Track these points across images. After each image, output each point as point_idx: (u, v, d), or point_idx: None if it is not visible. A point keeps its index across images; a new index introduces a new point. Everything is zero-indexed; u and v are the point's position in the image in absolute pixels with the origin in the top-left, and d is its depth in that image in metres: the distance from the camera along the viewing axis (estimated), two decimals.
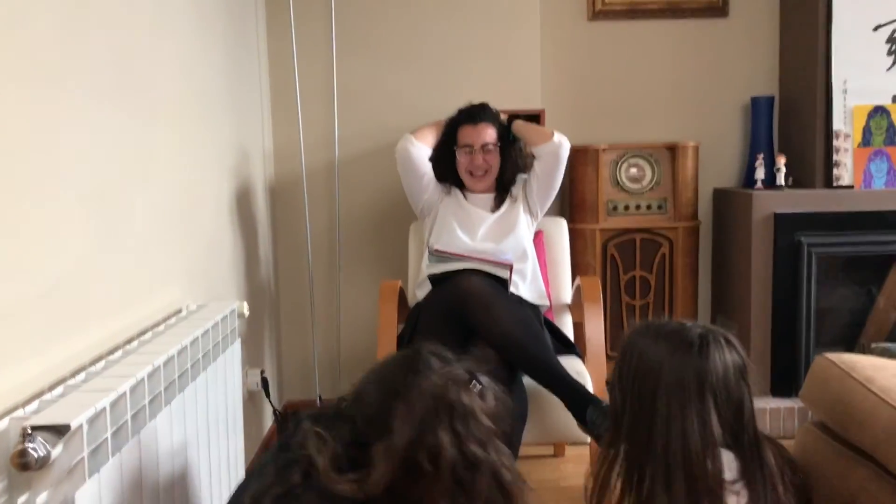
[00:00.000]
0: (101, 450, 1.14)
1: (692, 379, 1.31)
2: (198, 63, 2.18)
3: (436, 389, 1.24)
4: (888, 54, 3.05)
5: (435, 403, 1.23)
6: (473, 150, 2.56)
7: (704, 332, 1.35)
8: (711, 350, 1.32)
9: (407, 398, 1.24)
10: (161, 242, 1.80)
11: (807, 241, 3.01)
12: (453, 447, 1.20)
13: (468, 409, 1.24)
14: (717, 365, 1.32)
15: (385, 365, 1.35)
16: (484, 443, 1.23)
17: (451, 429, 1.21)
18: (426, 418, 1.22)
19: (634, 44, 3.36)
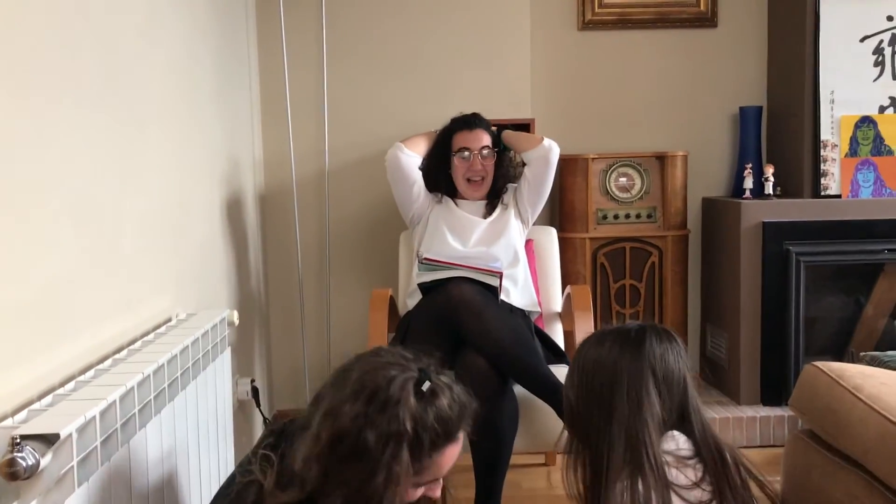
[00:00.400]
0: (91, 459, 1.13)
1: (634, 367, 1.39)
2: (188, 72, 2.17)
3: (370, 373, 1.20)
4: (875, 65, 3.08)
5: (362, 385, 1.19)
6: (471, 153, 2.57)
7: (641, 326, 1.45)
8: (649, 340, 1.41)
9: (344, 381, 1.21)
10: (151, 251, 1.80)
11: (795, 250, 3.02)
12: (351, 424, 1.15)
13: (392, 399, 1.17)
14: (657, 352, 1.40)
15: (346, 361, 1.32)
16: (385, 438, 1.15)
17: (361, 410, 1.16)
18: (348, 395, 1.18)
19: (624, 53, 3.38)
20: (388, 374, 1.20)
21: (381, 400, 1.17)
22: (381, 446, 1.15)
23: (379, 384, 1.19)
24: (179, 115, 2.08)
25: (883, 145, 3.09)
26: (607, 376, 1.40)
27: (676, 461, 1.36)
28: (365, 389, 1.18)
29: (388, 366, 1.22)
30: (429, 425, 1.19)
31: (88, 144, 1.47)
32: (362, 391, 1.18)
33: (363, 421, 1.16)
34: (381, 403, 1.17)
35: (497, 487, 2.18)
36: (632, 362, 1.40)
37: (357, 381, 1.20)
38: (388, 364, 1.23)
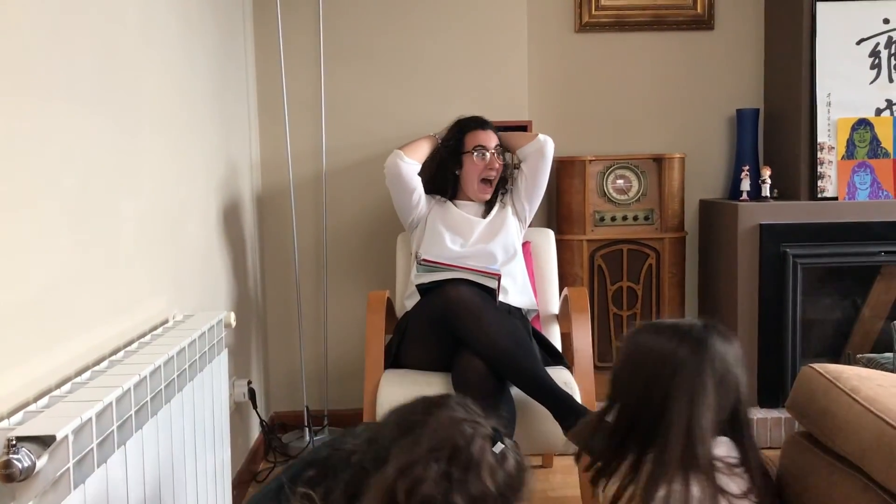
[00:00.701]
0: (87, 461, 1.13)
1: (695, 361, 1.34)
2: (185, 73, 2.17)
3: (448, 429, 1.15)
4: (871, 68, 3.08)
5: (440, 441, 1.13)
6: (487, 151, 2.57)
7: (705, 323, 1.41)
8: (712, 337, 1.37)
9: (416, 433, 1.16)
10: (147, 253, 1.79)
11: (792, 253, 3.03)
12: (436, 488, 1.10)
13: (474, 459, 1.12)
14: (719, 351, 1.36)
15: (406, 405, 1.27)
16: (472, 501, 1.11)
17: (444, 470, 1.11)
18: (424, 452, 1.13)
19: (621, 56, 3.38)
20: (465, 431, 1.15)
21: (464, 461, 1.12)
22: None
23: (458, 444, 1.14)
24: (176, 117, 2.07)
25: (879, 148, 3.10)
26: (666, 367, 1.35)
27: (726, 468, 1.32)
28: (444, 448, 1.13)
29: (462, 422, 1.17)
30: (502, 488, 1.15)
31: (85, 146, 1.47)
32: (441, 449, 1.13)
33: (448, 483, 1.11)
34: (463, 465, 1.12)
35: None
36: (692, 356, 1.34)
37: (432, 437, 1.15)
38: (462, 420, 1.17)
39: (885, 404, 1.31)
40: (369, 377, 2.32)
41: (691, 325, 1.41)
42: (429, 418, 1.18)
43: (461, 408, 1.21)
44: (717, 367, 1.35)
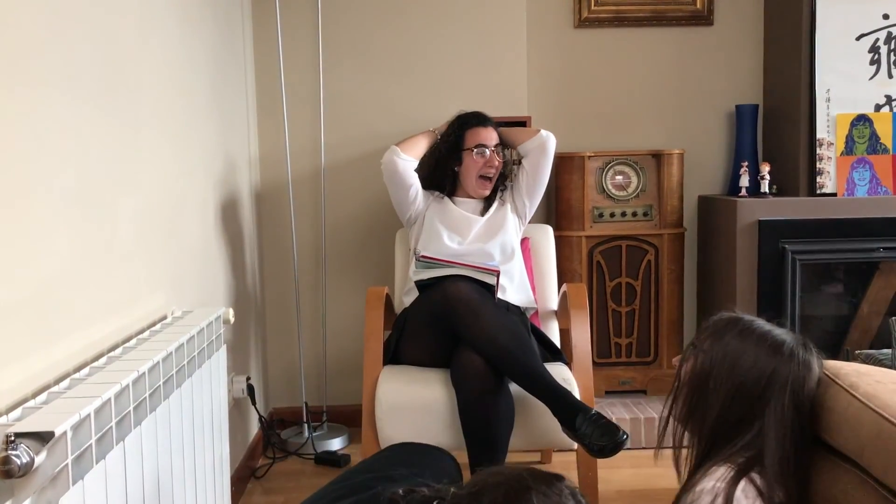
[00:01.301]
0: (86, 457, 1.13)
1: (784, 383, 1.37)
2: (184, 68, 2.17)
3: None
4: (871, 63, 3.08)
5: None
6: (487, 149, 2.57)
7: (803, 342, 1.44)
8: (808, 359, 1.42)
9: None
10: (146, 248, 1.79)
11: (791, 249, 3.03)
12: None
13: None
14: (806, 373, 1.40)
15: (512, 475, 1.09)
16: None
17: None
18: None
19: (620, 51, 3.38)
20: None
21: None
22: None
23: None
24: (175, 112, 2.07)
25: (878, 144, 3.09)
26: (761, 383, 1.37)
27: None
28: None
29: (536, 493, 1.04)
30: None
31: (83, 142, 1.46)
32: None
33: None
34: None
35: None
36: (793, 373, 1.38)
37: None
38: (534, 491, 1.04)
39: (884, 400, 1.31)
40: (368, 373, 2.32)
41: (786, 339, 1.43)
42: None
43: (526, 480, 1.07)
44: (802, 395, 1.38)
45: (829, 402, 1.41)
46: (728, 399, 1.39)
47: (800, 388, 1.38)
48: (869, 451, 1.27)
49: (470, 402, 2.14)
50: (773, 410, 1.36)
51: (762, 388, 1.37)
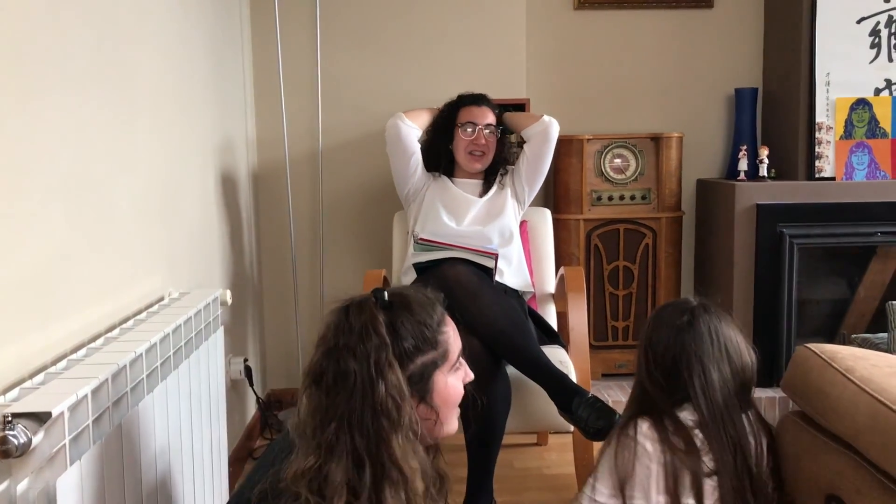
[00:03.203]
0: (83, 437, 1.13)
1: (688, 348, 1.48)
2: (181, 50, 2.15)
3: (327, 319, 1.26)
4: (871, 47, 3.07)
5: (325, 330, 1.25)
6: (476, 128, 2.56)
7: (695, 305, 1.53)
8: (706, 322, 1.50)
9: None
10: (143, 230, 1.79)
11: (789, 233, 3.03)
12: (325, 358, 1.20)
13: (355, 324, 1.21)
14: (706, 336, 1.49)
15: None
16: (366, 354, 1.17)
17: (332, 343, 1.22)
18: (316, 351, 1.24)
19: (620, 34, 3.36)
20: (344, 306, 1.24)
21: (347, 329, 1.20)
22: (366, 363, 1.16)
23: (339, 318, 1.22)
24: (172, 94, 2.06)
25: (878, 128, 3.09)
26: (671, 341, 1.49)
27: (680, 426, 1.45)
28: (329, 330, 1.22)
29: (342, 302, 1.26)
30: (409, 324, 1.23)
31: (79, 124, 1.46)
32: (327, 333, 1.23)
33: (338, 352, 1.18)
34: (348, 332, 1.20)
35: (490, 467, 2.19)
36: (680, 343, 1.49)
37: (322, 332, 1.25)
38: (340, 303, 1.26)
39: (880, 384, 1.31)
40: None
41: (687, 308, 1.53)
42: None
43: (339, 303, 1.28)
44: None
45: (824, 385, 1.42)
46: (651, 373, 1.51)
47: (700, 350, 1.46)
48: (864, 434, 1.28)
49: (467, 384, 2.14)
50: (689, 373, 1.45)
51: (673, 357, 1.47)
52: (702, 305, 1.52)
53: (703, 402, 1.43)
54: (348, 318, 1.22)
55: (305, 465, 1.13)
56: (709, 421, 1.42)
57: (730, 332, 1.50)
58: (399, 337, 1.21)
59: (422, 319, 1.26)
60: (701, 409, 1.43)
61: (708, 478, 1.41)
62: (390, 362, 1.17)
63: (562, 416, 2.11)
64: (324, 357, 1.20)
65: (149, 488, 1.40)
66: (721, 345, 1.47)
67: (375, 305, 1.23)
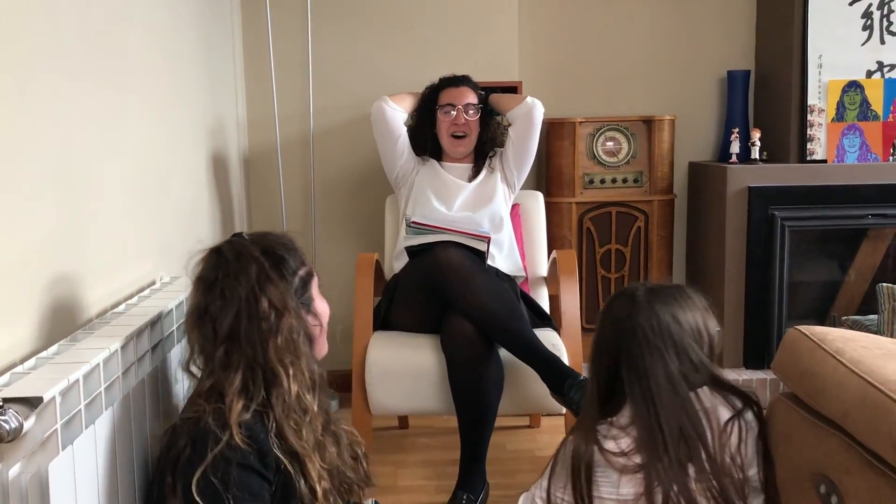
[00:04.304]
0: (75, 422, 1.13)
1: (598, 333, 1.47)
2: (170, 33, 2.14)
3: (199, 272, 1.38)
4: (863, 29, 3.06)
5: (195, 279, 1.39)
6: (455, 109, 2.56)
7: (621, 295, 1.48)
8: (612, 312, 1.46)
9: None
10: (133, 214, 1.78)
11: (780, 215, 3.04)
12: (205, 295, 1.33)
13: (233, 262, 1.34)
14: (610, 325, 1.46)
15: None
16: (237, 276, 1.32)
17: (208, 280, 1.34)
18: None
19: (612, 16, 3.34)
20: (215, 247, 1.39)
21: (224, 262, 1.34)
22: (247, 283, 1.31)
23: (213, 258, 1.37)
24: (161, 77, 2.04)
25: (869, 110, 3.09)
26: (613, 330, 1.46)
27: (618, 430, 1.41)
28: (205, 270, 1.36)
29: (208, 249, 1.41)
30: (280, 248, 1.39)
31: (68, 107, 1.45)
32: (204, 273, 1.36)
33: (221, 283, 1.32)
34: (224, 264, 1.34)
35: (482, 449, 2.20)
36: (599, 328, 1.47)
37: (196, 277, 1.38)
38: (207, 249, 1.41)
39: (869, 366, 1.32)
40: (358, 339, 2.32)
41: (633, 293, 1.47)
42: None
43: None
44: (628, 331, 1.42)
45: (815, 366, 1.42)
46: (601, 363, 1.47)
47: (634, 344, 1.41)
48: (853, 415, 1.29)
49: (460, 367, 2.15)
50: (627, 359, 1.41)
51: (617, 343, 1.43)
52: (648, 291, 1.45)
53: (639, 398, 1.40)
54: (222, 254, 1.35)
55: (203, 388, 1.30)
56: (647, 417, 1.38)
57: (679, 314, 1.43)
58: (277, 257, 1.37)
59: (287, 243, 1.42)
60: (638, 405, 1.40)
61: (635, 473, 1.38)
62: (271, 278, 1.33)
63: (554, 399, 2.12)
64: (205, 294, 1.33)
65: (141, 473, 1.41)
66: (663, 332, 1.40)
67: (244, 239, 1.39)
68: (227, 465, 1.21)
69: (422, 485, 2.43)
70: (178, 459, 1.24)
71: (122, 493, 1.30)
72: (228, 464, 1.21)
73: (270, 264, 1.35)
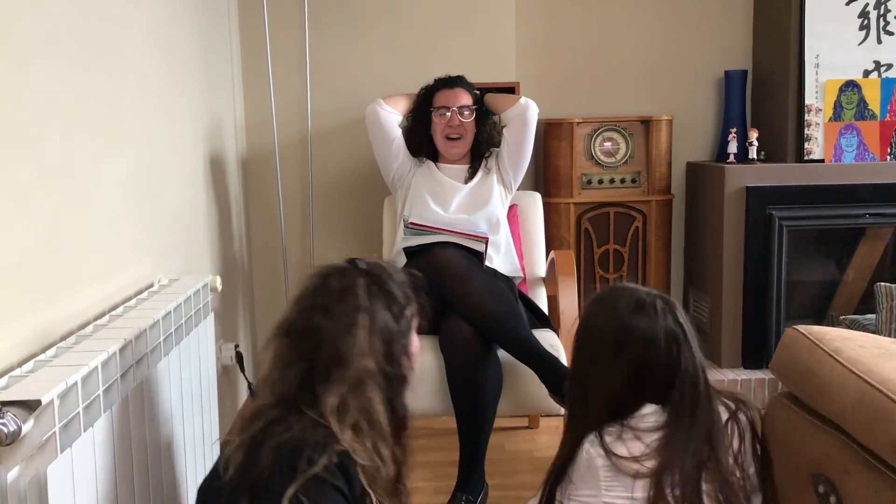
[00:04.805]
0: (73, 425, 1.13)
1: (615, 337, 1.41)
2: (168, 34, 2.14)
3: (307, 282, 1.37)
4: (860, 29, 3.07)
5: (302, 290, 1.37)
6: (450, 111, 2.56)
7: (643, 298, 1.43)
8: (644, 315, 1.41)
9: None
10: (131, 216, 1.78)
11: (778, 215, 3.04)
12: (303, 313, 1.32)
13: (341, 285, 1.32)
14: (645, 330, 1.40)
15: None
16: (342, 294, 1.31)
17: (308, 302, 1.32)
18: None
19: (609, 16, 3.35)
20: (324, 272, 1.36)
21: (325, 290, 1.33)
22: (338, 321, 1.29)
23: (318, 282, 1.35)
24: (158, 78, 2.04)
25: (866, 110, 3.09)
26: (592, 342, 1.45)
27: (632, 434, 1.39)
28: (307, 291, 1.35)
29: (322, 268, 1.39)
30: (394, 285, 1.35)
31: (65, 109, 1.44)
32: (304, 294, 1.35)
33: (313, 310, 1.31)
34: (325, 293, 1.32)
35: (481, 450, 2.20)
36: (616, 335, 1.41)
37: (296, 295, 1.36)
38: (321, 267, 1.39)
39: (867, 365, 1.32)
40: None
41: (627, 302, 1.44)
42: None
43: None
44: (636, 346, 1.39)
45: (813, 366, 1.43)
46: (583, 356, 1.47)
47: (650, 343, 1.39)
48: (851, 414, 1.29)
49: (458, 368, 2.15)
50: (606, 363, 1.41)
51: (613, 346, 1.41)
52: (658, 297, 1.45)
53: (686, 404, 1.39)
54: (327, 280, 1.33)
55: (275, 402, 1.34)
56: (686, 423, 1.38)
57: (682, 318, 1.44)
58: (389, 297, 1.33)
59: (402, 280, 1.38)
60: (678, 410, 1.39)
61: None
62: (360, 322, 1.29)
63: (553, 399, 2.12)
64: (298, 314, 1.32)
65: (140, 475, 1.41)
66: (692, 336, 1.41)
67: (355, 270, 1.34)
68: (320, 485, 1.17)
69: (421, 486, 2.43)
70: (265, 476, 1.18)
71: (120, 496, 1.30)
72: (322, 484, 1.17)
73: (379, 305, 1.31)
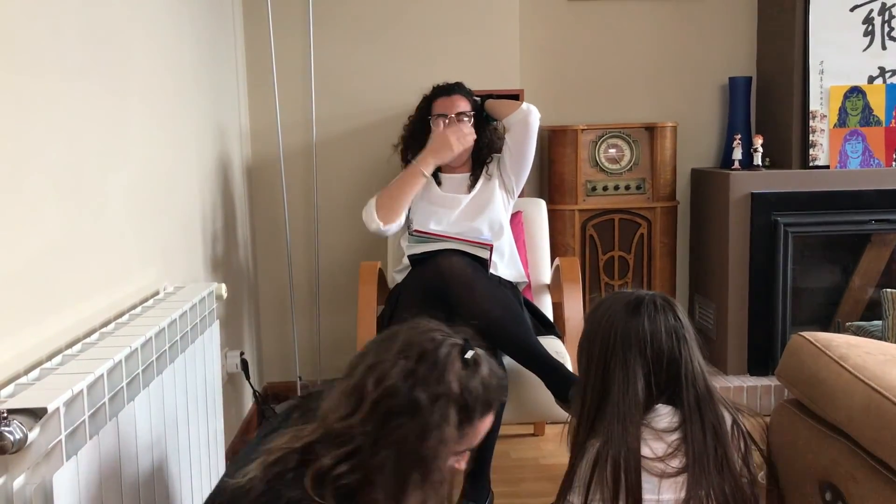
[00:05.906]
0: (79, 433, 1.13)
1: (621, 338, 1.41)
2: (172, 43, 2.15)
3: (418, 336, 1.23)
4: (864, 35, 3.07)
5: (410, 345, 1.21)
6: (448, 118, 2.55)
7: (642, 297, 1.44)
8: (644, 313, 1.42)
9: (388, 343, 1.24)
10: (137, 224, 1.78)
11: (783, 221, 3.03)
12: (402, 382, 1.16)
13: (440, 361, 1.19)
14: (648, 327, 1.41)
15: (385, 332, 1.32)
16: (436, 397, 1.16)
17: (411, 368, 1.18)
18: (394, 353, 1.21)
19: (614, 23, 3.35)
20: (435, 337, 1.23)
21: (430, 360, 1.19)
22: (432, 405, 1.16)
23: (426, 346, 1.21)
24: (164, 86, 2.05)
25: (871, 115, 3.09)
26: (600, 344, 1.44)
27: (653, 434, 1.38)
28: (412, 349, 1.20)
29: (433, 331, 1.25)
30: (473, 391, 1.21)
31: (71, 116, 1.45)
32: (410, 350, 1.20)
33: (413, 379, 1.17)
34: (430, 364, 1.19)
35: (487, 457, 2.20)
36: (623, 336, 1.41)
37: (404, 341, 1.22)
38: (432, 329, 1.26)
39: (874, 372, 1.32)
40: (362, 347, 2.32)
41: (628, 302, 1.45)
42: (399, 330, 1.27)
43: (432, 323, 1.29)
44: (645, 346, 1.40)
45: (819, 373, 1.42)
46: (592, 363, 1.46)
47: (647, 343, 1.40)
48: (858, 421, 1.28)
49: None
50: (620, 365, 1.40)
51: (619, 348, 1.41)
52: (660, 298, 1.47)
53: (693, 403, 1.40)
54: (437, 349, 1.21)
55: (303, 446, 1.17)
56: (699, 422, 1.39)
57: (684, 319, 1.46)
58: (470, 392, 1.22)
59: (491, 384, 1.27)
60: (690, 409, 1.39)
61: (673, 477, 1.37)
62: (451, 419, 1.19)
63: (559, 406, 2.11)
64: (400, 378, 1.18)
65: (145, 483, 1.41)
66: (695, 336, 1.44)
67: (460, 356, 1.23)
68: None
69: None
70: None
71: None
72: None
73: (462, 396, 1.20)
